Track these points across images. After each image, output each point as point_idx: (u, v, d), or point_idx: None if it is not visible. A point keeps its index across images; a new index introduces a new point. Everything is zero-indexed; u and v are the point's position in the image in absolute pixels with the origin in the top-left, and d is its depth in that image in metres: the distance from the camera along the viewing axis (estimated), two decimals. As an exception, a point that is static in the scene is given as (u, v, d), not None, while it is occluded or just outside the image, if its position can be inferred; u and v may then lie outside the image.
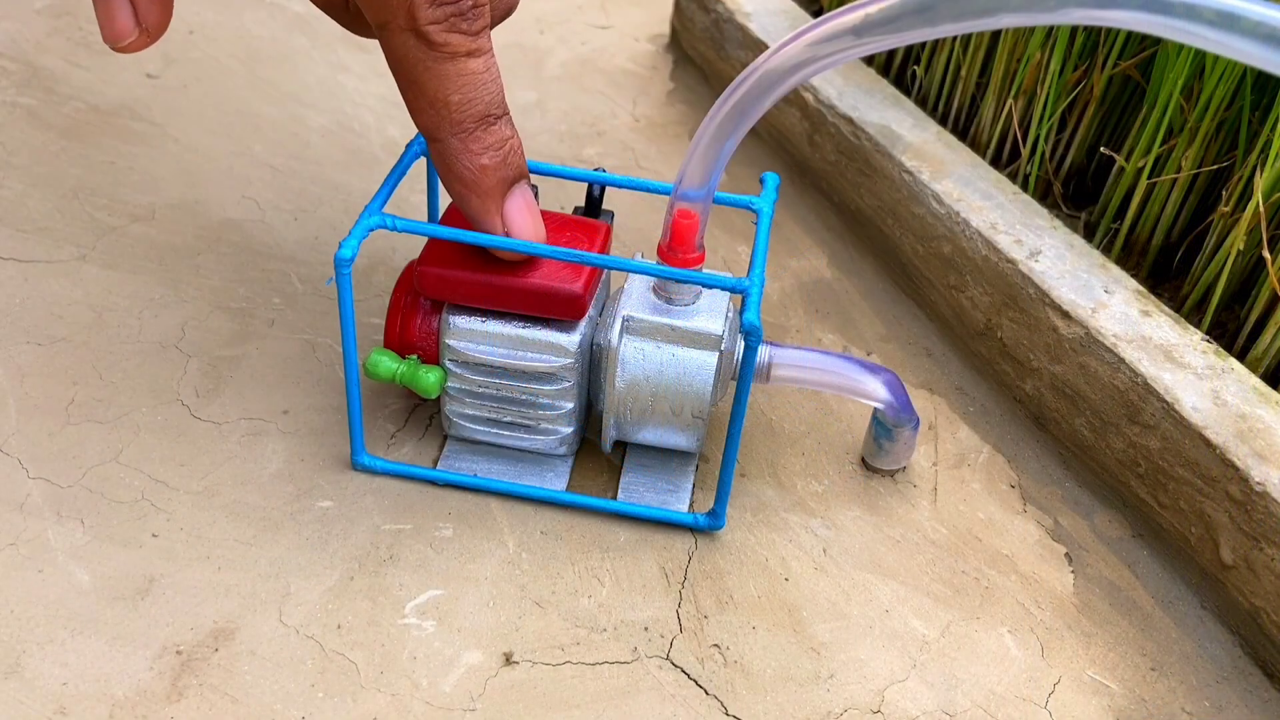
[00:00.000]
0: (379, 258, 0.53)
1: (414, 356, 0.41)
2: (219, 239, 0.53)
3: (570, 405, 0.41)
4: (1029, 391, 0.48)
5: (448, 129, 0.36)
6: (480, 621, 0.38)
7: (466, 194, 0.37)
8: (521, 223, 0.38)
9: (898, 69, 0.63)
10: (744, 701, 0.37)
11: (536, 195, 0.39)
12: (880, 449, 0.44)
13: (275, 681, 0.36)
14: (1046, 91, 0.54)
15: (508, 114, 0.38)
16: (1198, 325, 0.46)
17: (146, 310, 0.48)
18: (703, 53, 0.68)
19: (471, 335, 0.40)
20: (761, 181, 0.43)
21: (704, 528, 0.42)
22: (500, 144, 0.37)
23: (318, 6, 0.43)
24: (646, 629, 0.39)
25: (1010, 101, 0.56)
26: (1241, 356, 0.47)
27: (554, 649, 0.38)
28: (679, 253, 0.38)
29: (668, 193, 0.39)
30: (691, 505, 0.43)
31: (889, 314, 0.54)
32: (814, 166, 0.60)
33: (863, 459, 0.46)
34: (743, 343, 0.38)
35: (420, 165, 0.57)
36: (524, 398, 0.41)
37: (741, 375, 0.38)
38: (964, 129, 0.60)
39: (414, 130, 0.61)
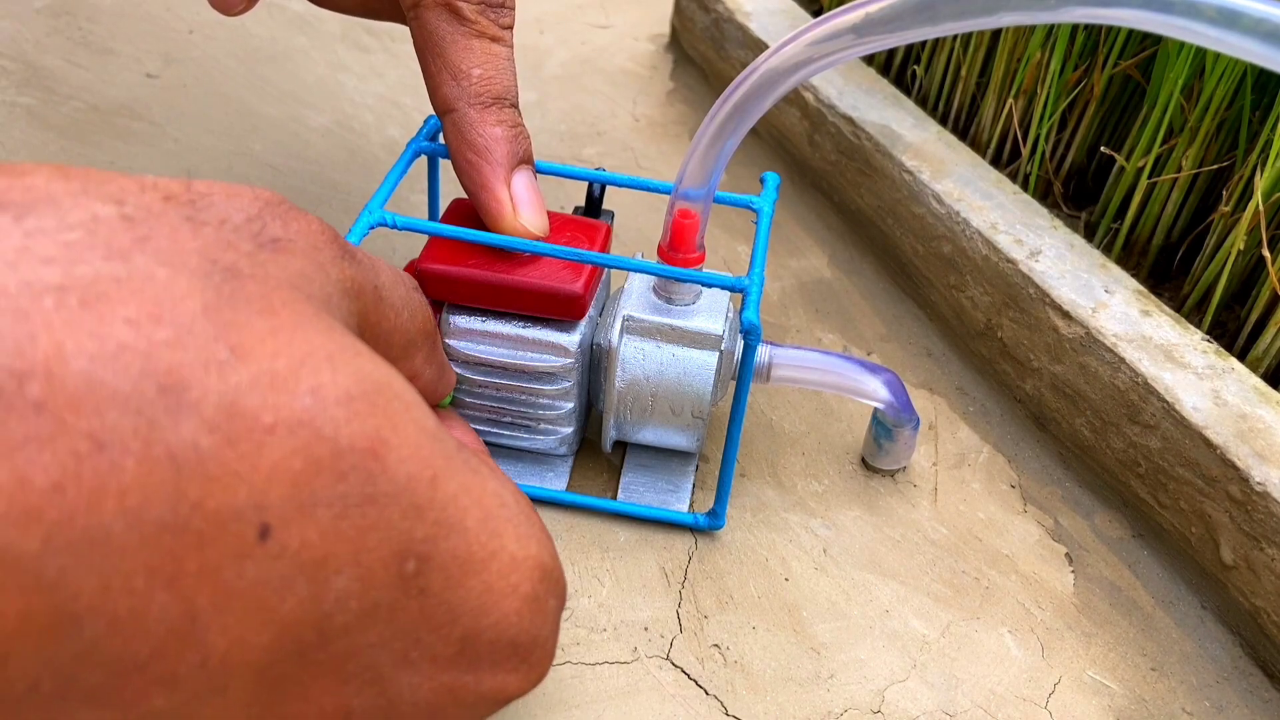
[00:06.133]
0: (379, 257, 0.53)
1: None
2: (219, 239, 0.53)
3: (570, 405, 0.41)
4: (1029, 391, 0.48)
5: (466, 99, 0.38)
6: (480, 621, 0.38)
7: (477, 161, 0.38)
8: (528, 198, 0.39)
9: (898, 69, 0.63)
10: (744, 701, 0.37)
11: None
12: (880, 449, 0.44)
13: (275, 681, 0.36)
14: (1046, 91, 0.54)
15: (519, 108, 0.40)
16: (1198, 325, 0.46)
17: (146, 310, 0.48)
18: (703, 53, 0.68)
19: (471, 335, 0.40)
20: (761, 181, 0.43)
21: (704, 528, 0.42)
22: (514, 122, 0.39)
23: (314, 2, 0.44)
24: (646, 629, 0.39)
25: (1010, 101, 0.56)
26: (1242, 356, 0.47)
27: (554, 649, 0.38)
28: (679, 252, 0.38)
29: (668, 192, 0.39)
30: (691, 505, 0.43)
31: (889, 314, 0.54)
32: (814, 166, 0.60)
33: (863, 459, 0.46)
34: (742, 342, 0.38)
35: (420, 165, 0.57)
36: (524, 397, 0.41)
37: (741, 375, 0.38)
38: (964, 129, 0.60)
39: (413, 130, 0.61)
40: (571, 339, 0.40)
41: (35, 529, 0.17)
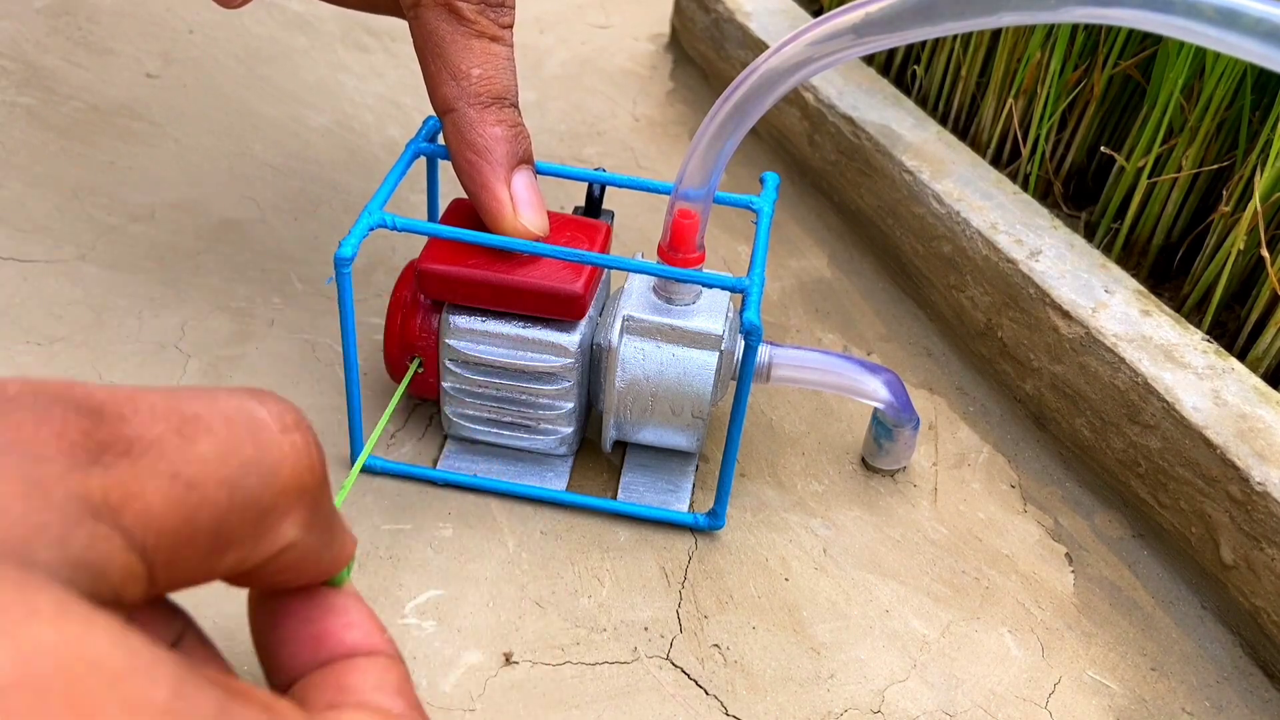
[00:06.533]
0: (379, 257, 0.53)
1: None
2: (219, 239, 0.53)
3: (570, 405, 0.41)
4: (1029, 391, 0.48)
5: (466, 100, 0.38)
6: (480, 621, 0.38)
7: (478, 162, 0.38)
8: (528, 198, 0.39)
9: (898, 69, 0.63)
10: (744, 701, 0.37)
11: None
12: (880, 449, 0.44)
13: (275, 681, 0.36)
14: (1046, 91, 0.54)
15: (519, 108, 0.40)
16: (1198, 325, 0.46)
17: (146, 310, 0.48)
18: (703, 53, 0.68)
19: (471, 335, 0.40)
20: (761, 181, 0.43)
21: (704, 528, 0.42)
22: (514, 122, 0.39)
23: None
24: (646, 629, 0.39)
25: (1010, 101, 0.56)
26: (1242, 356, 0.47)
27: (554, 649, 0.38)
28: (679, 252, 0.38)
29: (668, 193, 0.39)
30: (691, 505, 0.43)
31: (889, 314, 0.54)
32: (814, 166, 0.60)
33: (863, 459, 0.46)
34: (743, 342, 0.38)
35: (420, 165, 0.57)
36: (524, 398, 0.41)
37: (741, 375, 0.38)
38: (964, 129, 0.60)
39: (413, 130, 0.61)
40: (571, 339, 0.40)
41: None
